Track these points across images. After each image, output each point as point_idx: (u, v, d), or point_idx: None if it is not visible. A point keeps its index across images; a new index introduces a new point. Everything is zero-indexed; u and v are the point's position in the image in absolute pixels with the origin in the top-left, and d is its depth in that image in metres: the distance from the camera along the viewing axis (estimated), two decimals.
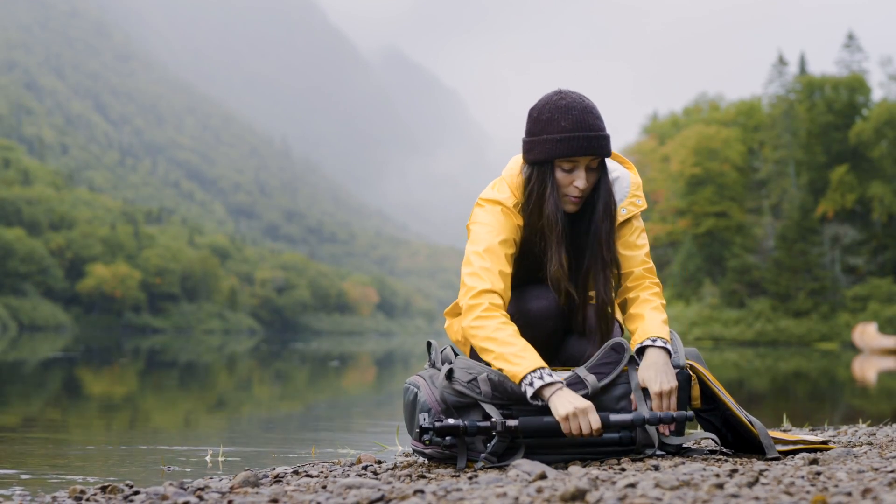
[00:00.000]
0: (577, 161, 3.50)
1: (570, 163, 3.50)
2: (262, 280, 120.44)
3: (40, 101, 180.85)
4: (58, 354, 22.06)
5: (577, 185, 3.50)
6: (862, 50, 66.15)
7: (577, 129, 3.47)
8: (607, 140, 3.54)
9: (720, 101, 78.81)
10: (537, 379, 3.26)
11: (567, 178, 3.52)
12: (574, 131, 3.47)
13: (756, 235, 64.13)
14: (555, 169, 3.53)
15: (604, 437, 3.34)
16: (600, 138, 3.50)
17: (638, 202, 3.67)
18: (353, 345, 46.97)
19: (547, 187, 3.54)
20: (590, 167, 3.53)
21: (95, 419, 7.56)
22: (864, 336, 39.70)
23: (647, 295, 3.63)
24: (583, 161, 3.51)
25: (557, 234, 3.53)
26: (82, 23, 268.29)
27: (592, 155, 3.49)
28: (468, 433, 3.27)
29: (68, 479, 3.92)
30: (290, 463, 4.31)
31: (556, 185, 3.53)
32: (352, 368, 20.39)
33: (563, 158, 3.50)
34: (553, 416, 3.26)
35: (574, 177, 3.51)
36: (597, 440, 3.34)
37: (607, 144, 3.54)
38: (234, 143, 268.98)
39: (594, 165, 3.54)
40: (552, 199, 3.53)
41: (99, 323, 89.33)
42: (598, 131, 3.50)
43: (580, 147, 3.47)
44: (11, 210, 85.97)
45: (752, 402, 10.01)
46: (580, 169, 3.51)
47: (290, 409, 9.29)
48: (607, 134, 3.54)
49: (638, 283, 3.66)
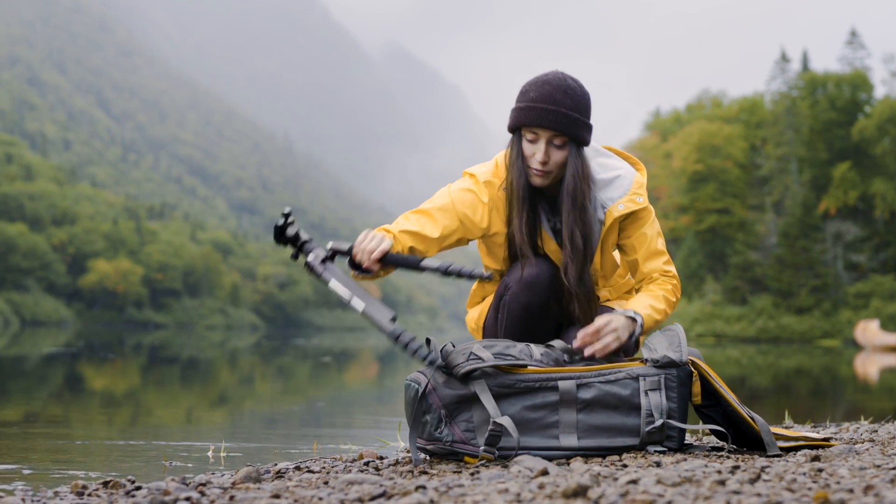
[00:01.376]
0: (538, 133, 3.58)
1: (532, 133, 3.59)
2: (264, 276, 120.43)
3: (43, 97, 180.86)
4: (53, 350, 22.07)
5: (537, 157, 3.58)
6: (865, 47, 66.20)
7: (540, 101, 3.55)
8: (571, 120, 3.56)
9: (723, 98, 78.83)
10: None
11: (530, 149, 3.61)
12: (536, 102, 3.56)
13: (758, 232, 64.15)
14: (522, 139, 3.62)
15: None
16: (560, 114, 3.54)
17: (638, 200, 3.68)
18: (355, 341, 46.95)
19: (514, 155, 3.64)
20: (554, 143, 3.59)
21: (97, 414, 7.56)
22: (867, 333, 39.72)
23: (649, 286, 3.66)
24: (543, 134, 3.58)
25: (519, 201, 3.63)
26: (85, 18, 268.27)
27: (548, 129, 3.56)
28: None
29: (70, 474, 3.92)
30: (291, 459, 4.31)
31: (521, 155, 3.62)
32: (353, 365, 20.40)
33: (525, 128, 3.59)
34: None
35: (535, 149, 3.59)
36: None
37: (570, 124, 3.56)
38: (237, 139, 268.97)
39: (558, 143, 3.59)
40: (516, 166, 3.63)
41: (101, 318, 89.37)
42: (562, 108, 3.55)
43: (536, 118, 3.55)
44: (14, 205, 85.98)
45: (754, 398, 10.01)
46: (541, 141, 3.58)
47: (291, 405, 9.29)
48: (574, 115, 3.56)
49: (643, 279, 3.70)
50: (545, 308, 3.66)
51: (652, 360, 3.43)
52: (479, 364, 3.30)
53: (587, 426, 3.35)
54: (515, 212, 3.66)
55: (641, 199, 3.69)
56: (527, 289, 3.62)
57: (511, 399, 3.33)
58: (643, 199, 3.70)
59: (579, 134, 3.59)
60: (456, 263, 3.50)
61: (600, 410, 3.36)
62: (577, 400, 3.34)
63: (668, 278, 3.71)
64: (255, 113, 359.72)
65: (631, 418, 3.37)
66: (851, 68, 65.67)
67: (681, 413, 3.40)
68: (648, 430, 3.36)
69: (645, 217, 3.72)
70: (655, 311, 3.59)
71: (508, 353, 3.36)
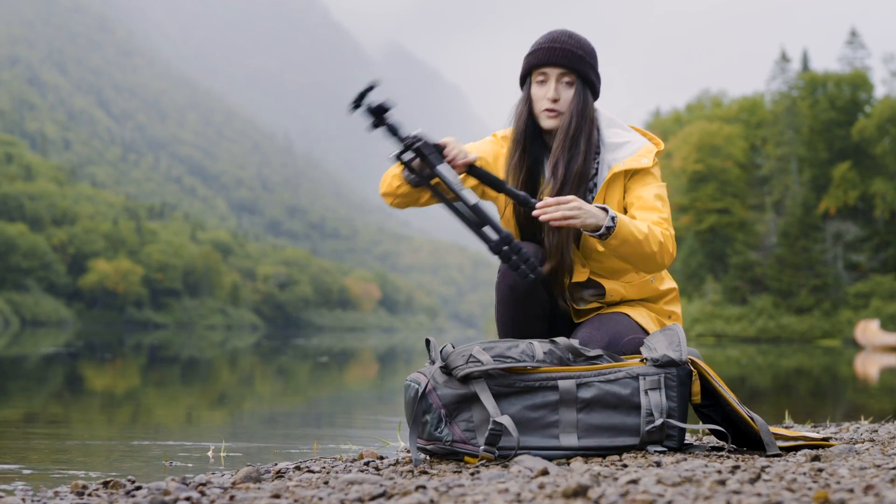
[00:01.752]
0: (547, 73, 3.69)
1: (541, 75, 3.70)
2: (264, 276, 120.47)
3: (43, 97, 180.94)
4: (52, 350, 22.06)
5: (548, 95, 3.67)
6: (865, 47, 66.16)
7: (547, 43, 3.70)
8: (577, 56, 3.68)
9: (723, 98, 78.79)
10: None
11: (540, 90, 3.70)
12: (543, 44, 3.70)
13: (758, 232, 64.11)
14: (531, 86, 3.73)
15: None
16: (567, 51, 3.67)
17: (643, 161, 3.70)
18: (355, 341, 46.97)
19: (521, 102, 3.76)
20: (563, 81, 3.68)
21: (97, 414, 7.57)
22: (867, 333, 39.72)
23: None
24: (552, 73, 3.68)
25: (516, 142, 3.75)
26: (85, 18, 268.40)
27: (556, 65, 3.67)
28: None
29: (70, 474, 3.92)
30: (292, 458, 4.31)
31: (530, 100, 3.73)
32: (353, 365, 20.40)
33: (535, 71, 3.71)
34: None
35: (546, 89, 3.68)
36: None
37: (576, 60, 3.67)
38: (237, 139, 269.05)
39: (568, 80, 3.69)
40: (522, 111, 3.75)
41: (101, 318, 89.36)
42: (568, 46, 3.67)
43: (544, 56, 3.68)
44: (14, 205, 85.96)
45: (754, 398, 10.01)
46: (551, 81, 3.68)
47: (291, 405, 9.29)
48: (580, 53, 3.69)
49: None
50: (531, 289, 3.67)
51: (651, 360, 3.42)
52: (478, 367, 3.30)
53: (587, 426, 3.35)
54: (514, 145, 3.77)
55: (646, 160, 3.71)
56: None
57: (511, 398, 3.33)
58: (648, 162, 3.70)
59: (587, 73, 3.71)
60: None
61: (600, 410, 3.36)
62: (577, 399, 3.34)
63: (660, 225, 3.63)
64: (255, 113, 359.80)
65: (631, 418, 3.37)
66: (851, 68, 65.65)
67: (681, 412, 3.40)
68: (648, 429, 3.36)
69: (649, 180, 3.72)
70: (634, 227, 3.50)
71: (508, 356, 3.35)
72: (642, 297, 3.84)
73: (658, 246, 3.55)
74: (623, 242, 3.48)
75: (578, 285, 3.80)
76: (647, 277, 3.81)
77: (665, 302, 3.85)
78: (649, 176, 3.73)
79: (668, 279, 3.89)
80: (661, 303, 3.85)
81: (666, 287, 3.85)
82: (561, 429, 3.33)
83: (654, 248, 3.54)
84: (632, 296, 3.81)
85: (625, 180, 3.72)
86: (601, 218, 3.45)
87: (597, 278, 3.77)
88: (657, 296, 3.85)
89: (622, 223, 3.46)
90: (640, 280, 3.81)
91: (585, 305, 3.80)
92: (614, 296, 3.78)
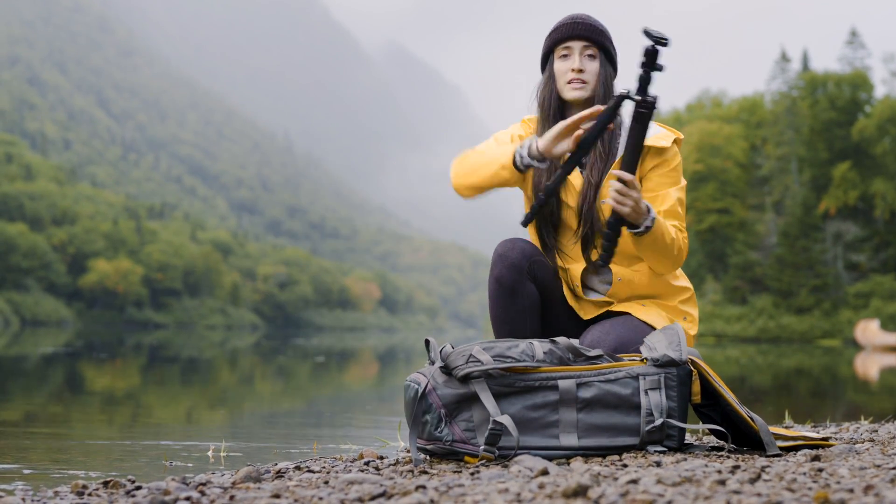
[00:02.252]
0: (571, 47, 3.76)
1: (565, 49, 3.77)
2: (264, 276, 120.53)
3: (43, 97, 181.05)
4: (49, 350, 22.05)
5: (573, 66, 3.73)
6: (865, 47, 66.20)
7: (568, 20, 3.79)
8: (599, 30, 3.78)
9: (723, 98, 78.81)
10: (520, 149, 3.57)
11: (564, 64, 3.76)
12: (565, 21, 3.79)
13: (758, 232, 64.16)
14: (554, 63, 3.80)
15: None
16: (589, 26, 3.77)
17: (663, 142, 3.74)
18: (355, 340, 46.98)
19: (545, 77, 3.84)
20: (586, 55, 3.76)
21: (97, 414, 7.57)
22: (867, 333, 39.73)
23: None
24: (576, 46, 3.76)
25: (544, 110, 3.82)
26: (85, 18, 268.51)
27: (579, 38, 3.75)
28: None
29: (70, 474, 3.92)
30: (292, 458, 4.31)
31: (553, 77, 3.80)
32: (353, 364, 20.39)
33: (558, 46, 3.78)
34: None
35: (570, 62, 3.75)
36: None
37: (599, 33, 3.78)
38: (237, 139, 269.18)
39: (591, 53, 3.76)
40: (547, 86, 3.82)
41: (101, 318, 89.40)
42: (590, 22, 3.78)
43: (567, 31, 3.76)
44: (14, 205, 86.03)
45: (754, 398, 10.01)
46: (575, 54, 3.75)
47: (291, 405, 9.29)
48: (602, 28, 3.79)
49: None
50: (517, 282, 3.68)
51: (652, 359, 3.42)
52: (478, 367, 3.30)
53: (587, 425, 3.35)
54: (542, 128, 3.80)
55: (666, 142, 3.75)
56: (498, 260, 3.70)
57: (511, 398, 3.33)
58: (667, 143, 3.75)
59: (608, 47, 3.79)
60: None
61: (600, 410, 3.36)
62: (577, 399, 3.34)
63: (681, 233, 3.70)
64: (255, 113, 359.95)
65: (631, 417, 3.37)
66: (851, 68, 65.68)
67: (681, 412, 3.40)
68: (648, 429, 3.36)
69: (671, 160, 3.76)
70: (666, 230, 3.58)
71: (508, 355, 3.35)
72: (652, 293, 3.84)
73: (678, 252, 3.65)
74: (653, 242, 3.56)
75: (588, 271, 3.83)
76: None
77: (681, 301, 3.85)
78: (674, 169, 3.77)
79: (682, 277, 3.90)
80: (676, 301, 3.85)
81: (679, 284, 3.85)
82: (561, 428, 3.33)
83: (674, 253, 3.64)
84: (642, 288, 3.81)
85: (642, 159, 3.75)
86: (645, 215, 3.51)
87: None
88: (670, 291, 3.84)
89: (659, 224, 3.54)
90: (650, 271, 3.81)
91: (595, 298, 3.81)
92: (623, 288, 3.79)
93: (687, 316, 3.83)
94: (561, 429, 3.33)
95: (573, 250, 3.81)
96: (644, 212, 3.49)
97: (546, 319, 3.84)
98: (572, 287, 3.83)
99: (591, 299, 3.83)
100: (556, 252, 3.83)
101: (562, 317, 3.86)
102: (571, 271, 3.82)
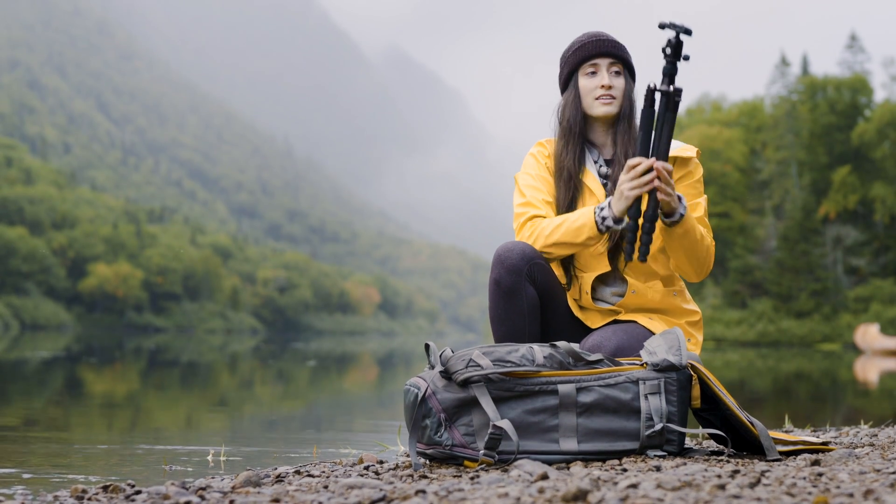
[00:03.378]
0: (598, 64, 3.81)
1: (591, 67, 3.81)
2: (264, 279, 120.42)
3: (43, 100, 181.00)
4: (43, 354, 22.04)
5: (602, 82, 3.78)
6: (864, 51, 66.25)
7: (592, 38, 3.84)
8: (622, 48, 3.84)
9: (723, 102, 78.80)
10: (599, 211, 3.59)
11: (591, 82, 3.81)
12: (588, 40, 3.84)
13: (758, 236, 64.16)
14: (579, 81, 3.84)
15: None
16: (613, 43, 3.82)
17: (688, 152, 3.83)
18: (355, 345, 46.98)
19: (571, 96, 3.87)
20: (612, 71, 3.81)
21: (97, 418, 7.57)
22: (866, 337, 39.70)
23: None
24: (603, 63, 3.81)
25: (571, 134, 3.86)
26: (85, 21, 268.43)
27: (607, 56, 3.82)
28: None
29: (70, 478, 3.92)
30: (291, 463, 4.31)
31: (578, 95, 3.84)
32: (353, 368, 20.39)
33: (584, 64, 3.82)
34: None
35: (597, 79, 3.79)
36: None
37: (622, 50, 3.84)
38: (237, 143, 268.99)
39: (616, 69, 3.82)
40: (572, 104, 3.86)
41: (101, 322, 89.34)
42: (613, 39, 3.84)
43: (594, 48, 3.81)
44: (14, 209, 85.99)
45: (754, 402, 10.01)
46: (602, 70, 3.80)
47: (291, 409, 9.29)
48: (623, 45, 3.86)
49: None
50: (516, 285, 3.68)
51: (651, 364, 3.42)
52: (477, 372, 3.31)
53: (587, 430, 3.35)
54: (567, 145, 3.85)
55: (691, 153, 3.83)
56: (498, 262, 3.70)
57: (511, 403, 3.34)
58: (693, 154, 3.83)
59: (631, 63, 3.86)
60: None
61: (600, 414, 3.36)
62: (576, 403, 3.35)
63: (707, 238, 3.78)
64: (254, 116, 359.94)
65: (631, 422, 3.37)
66: (851, 72, 65.70)
67: (680, 417, 3.40)
68: (648, 433, 3.36)
69: (696, 171, 3.84)
70: (697, 224, 3.67)
71: (508, 360, 3.36)
72: (662, 308, 3.87)
73: (705, 252, 3.72)
74: (685, 233, 3.62)
75: (602, 280, 3.86)
76: (671, 289, 3.86)
77: (688, 322, 3.88)
78: (698, 181, 3.84)
79: (692, 302, 3.95)
80: (683, 320, 3.87)
81: (689, 307, 3.90)
82: (561, 433, 3.34)
83: (702, 252, 3.70)
84: (653, 303, 3.85)
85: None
86: (678, 203, 3.57)
87: (625, 273, 3.84)
88: (679, 311, 3.89)
89: (689, 216, 3.62)
90: (664, 289, 3.86)
91: (604, 307, 3.83)
92: (634, 300, 3.81)
93: (692, 338, 3.85)
94: (561, 433, 3.34)
95: (587, 260, 3.83)
96: (677, 200, 3.57)
97: (546, 322, 3.84)
98: (581, 294, 3.84)
99: (599, 308, 3.84)
100: (570, 261, 3.87)
101: (562, 320, 3.86)
102: (584, 279, 3.84)
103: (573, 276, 3.87)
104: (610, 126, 3.88)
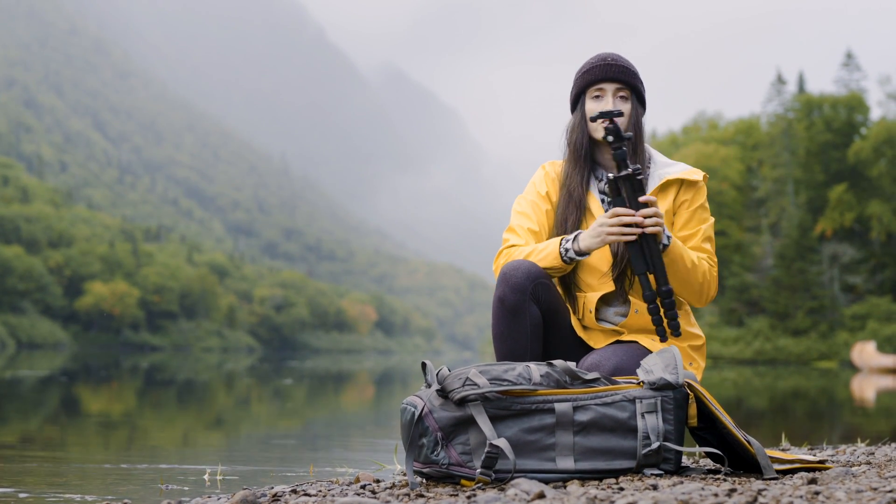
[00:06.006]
0: (604, 89, 3.80)
1: (598, 91, 3.81)
2: (260, 298, 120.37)
3: (39, 119, 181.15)
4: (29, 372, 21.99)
5: (607, 108, 3.76)
6: (860, 69, 66.27)
7: (600, 61, 3.84)
8: (632, 73, 3.83)
9: (719, 120, 78.88)
10: (563, 243, 3.64)
11: (597, 105, 3.80)
12: (597, 62, 3.84)
13: (755, 254, 64.12)
14: (585, 104, 3.84)
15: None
16: (621, 68, 3.81)
17: (695, 176, 3.85)
18: (352, 363, 46.91)
19: (577, 118, 3.88)
20: (619, 96, 3.81)
21: (93, 437, 7.55)
22: (863, 355, 39.66)
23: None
24: (609, 88, 3.80)
25: (576, 156, 3.87)
26: (81, 40, 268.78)
27: (613, 80, 3.80)
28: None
29: (66, 497, 3.92)
30: (288, 481, 4.30)
31: (585, 118, 3.83)
32: (350, 387, 20.36)
33: (591, 87, 3.82)
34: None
35: (603, 103, 3.79)
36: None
37: (631, 75, 3.83)
38: (233, 161, 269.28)
39: (623, 95, 3.81)
40: (579, 127, 3.86)
41: (97, 341, 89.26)
42: (622, 63, 3.82)
43: (601, 72, 3.81)
44: (10, 227, 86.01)
45: (751, 420, 10.00)
46: (608, 95, 3.79)
47: (288, 428, 9.28)
48: (633, 70, 3.84)
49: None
50: (520, 303, 3.67)
51: (648, 383, 3.42)
52: (474, 390, 3.30)
53: (584, 449, 3.35)
54: (574, 167, 3.87)
55: (698, 176, 3.86)
56: (502, 280, 3.68)
57: (507, 421, 3.33)
58: (699, 176, 3.86)
59: (639, 88, 3.86)
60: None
61: (597, 433, 3.36)
62: (573, 422, 3.34)
63: (708, 262, 3.78)
64: (251, 135, 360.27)
65: (628, 441, 3.37)
66: (847, 90, 65.77)
67: (677, 435, 3.40)
68: (645, 452, 3.35)
69: (699, 196, 3.85)
70: (686, 252, 3.67)
71: (505, 378, 3.36)
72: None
73: (702, 278, 3.71)
74: (672, 262, 3.63)
75: (605, 300, 3.85)
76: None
77: (691, 346, 3.87)
78: (702, 205, 3.85)
79: (696, 326, 3.93)
80: (686, 344, 3.86)
81: (693, 331, 3.88)
82: (557, 452, 3.33)
83: (698, 278, 3.70)
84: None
85: (676, 192, 3.84)
86: (663, 232, 3.58)
87: (629, 293, 3.83)
88: (683, 334, 3.86)
89: (675, 244, 3.63)
90: None
91: (607, 327, 3.82)
92: (638, 320, 3.81)
93: (693, 361, 3.85)
94: (557, 452, 3.33)
95: (591, 280, 3.84)
96: (663, 228, 3.57)
97: (548, 342, 3.84)
98: (584, 314, 3.84)
99: (602, 327, 3.84)
100: (573, 281, 3.88)
101: (565, 340, 3.86)
102: (587, 299, 3.84)
103: (575, 295, 3.87)
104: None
